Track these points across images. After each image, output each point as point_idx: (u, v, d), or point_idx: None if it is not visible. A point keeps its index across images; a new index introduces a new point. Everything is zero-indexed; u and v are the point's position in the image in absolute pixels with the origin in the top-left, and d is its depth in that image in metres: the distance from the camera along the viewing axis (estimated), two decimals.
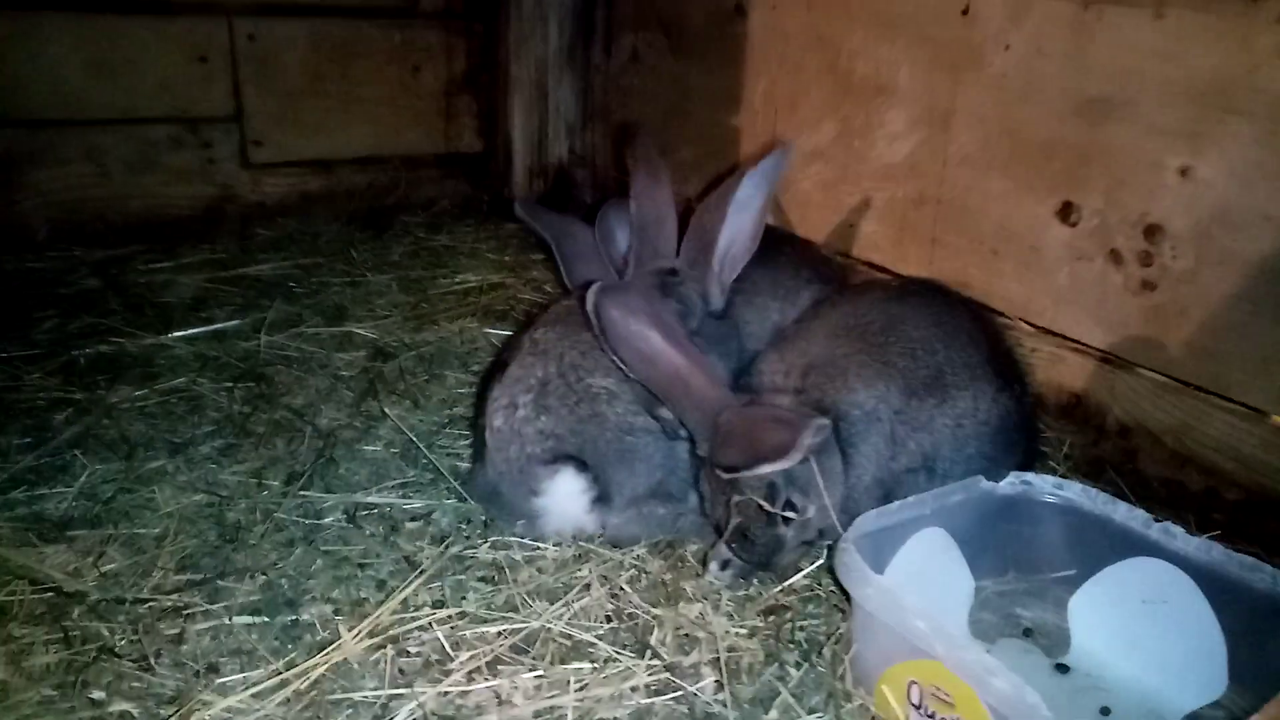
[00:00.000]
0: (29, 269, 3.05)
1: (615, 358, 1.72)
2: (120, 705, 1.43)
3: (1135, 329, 2.14)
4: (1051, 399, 2.30)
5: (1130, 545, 1.67)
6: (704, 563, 1.81)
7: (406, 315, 2.91)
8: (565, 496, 1.86)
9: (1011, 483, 1.78)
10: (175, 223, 3.49)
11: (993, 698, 1.26)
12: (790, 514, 1.69)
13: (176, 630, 1.58)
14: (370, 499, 1.96)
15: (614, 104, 3.86)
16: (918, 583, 1.61)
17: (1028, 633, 1.75)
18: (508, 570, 1.79)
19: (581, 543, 1.85)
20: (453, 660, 1.55)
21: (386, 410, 2.29)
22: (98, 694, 1.44)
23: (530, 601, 1.70)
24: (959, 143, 2.46)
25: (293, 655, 1.54)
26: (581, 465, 1.84)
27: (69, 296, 2.89)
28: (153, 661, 1.51)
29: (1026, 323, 2.34)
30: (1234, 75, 1.88)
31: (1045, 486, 1.78)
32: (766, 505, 1.68)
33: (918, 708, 1.40)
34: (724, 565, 1.78)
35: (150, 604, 1.64)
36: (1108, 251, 2.16)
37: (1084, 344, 2.24)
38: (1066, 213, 2.23)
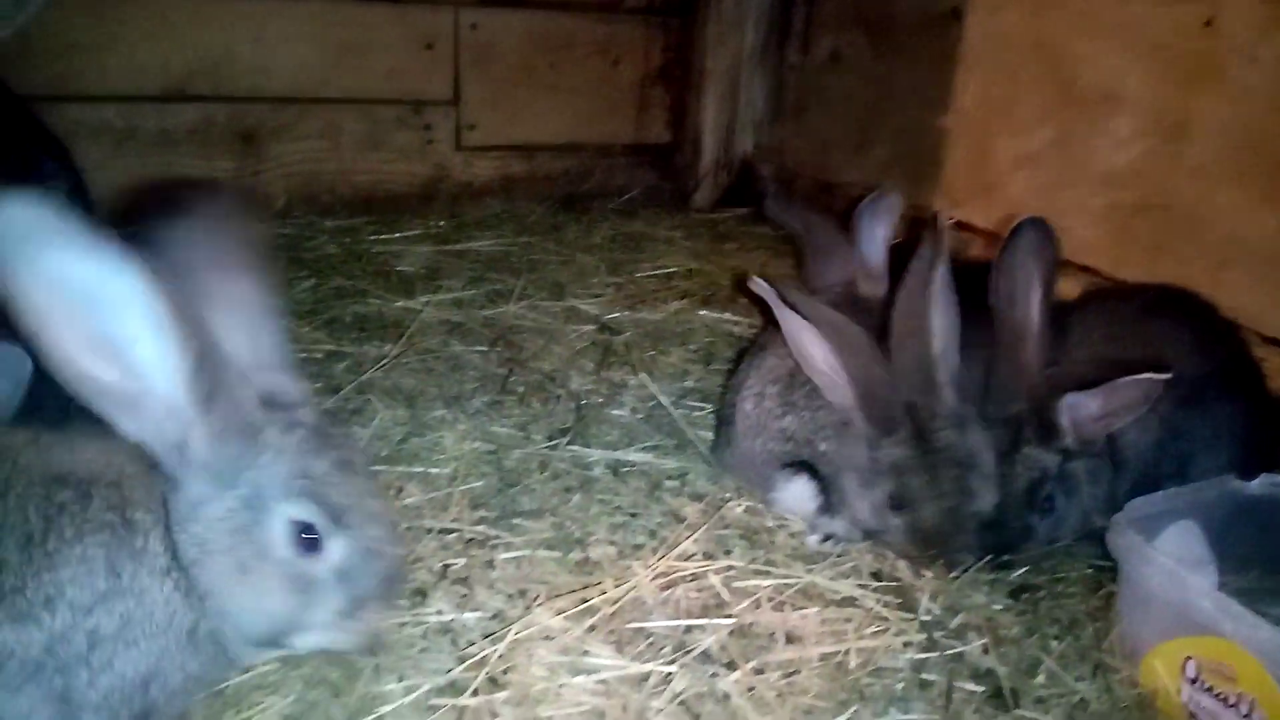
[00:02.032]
0: (276, 234, 3.33)
1: None
2: (451, 615, 1.62)
3: None
4: None
5: None
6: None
7: (620, 294, 3.08)
8: (794, 500, 1.97)
9: (1263, 482, 1.84)
10: (394, 198, 3.75)
11: (1269, 662, 1.34)
12: (1048, 508, 1.79)
13: (487, 558, 1.77)
14: (629, 456, 2.14)
15: (808, 101, 3.97)
16: None
17: None
18: (764, 533, 1.93)
19: None
20: (731, 606, 1.70)
21: (632, 378, 2.46)
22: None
23: (790, 562, 1.84)
24: (1192, 152, 2.49)
25: (592, 587, 1.71)
26: (814, 474, 1.95)
27: (313, 260, 3.16)
28: (473, 583, 1.70)
29: (1258, 334, 2.36)
30: None
31: None
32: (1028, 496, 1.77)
33: (1193, 682, 1.48)
34: (824, 539, 1.90)
35: (454, 533, 1.84)
36: None
37: None
38: None
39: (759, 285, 1.83)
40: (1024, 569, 1.85)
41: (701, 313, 2.97)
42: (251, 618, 1.19)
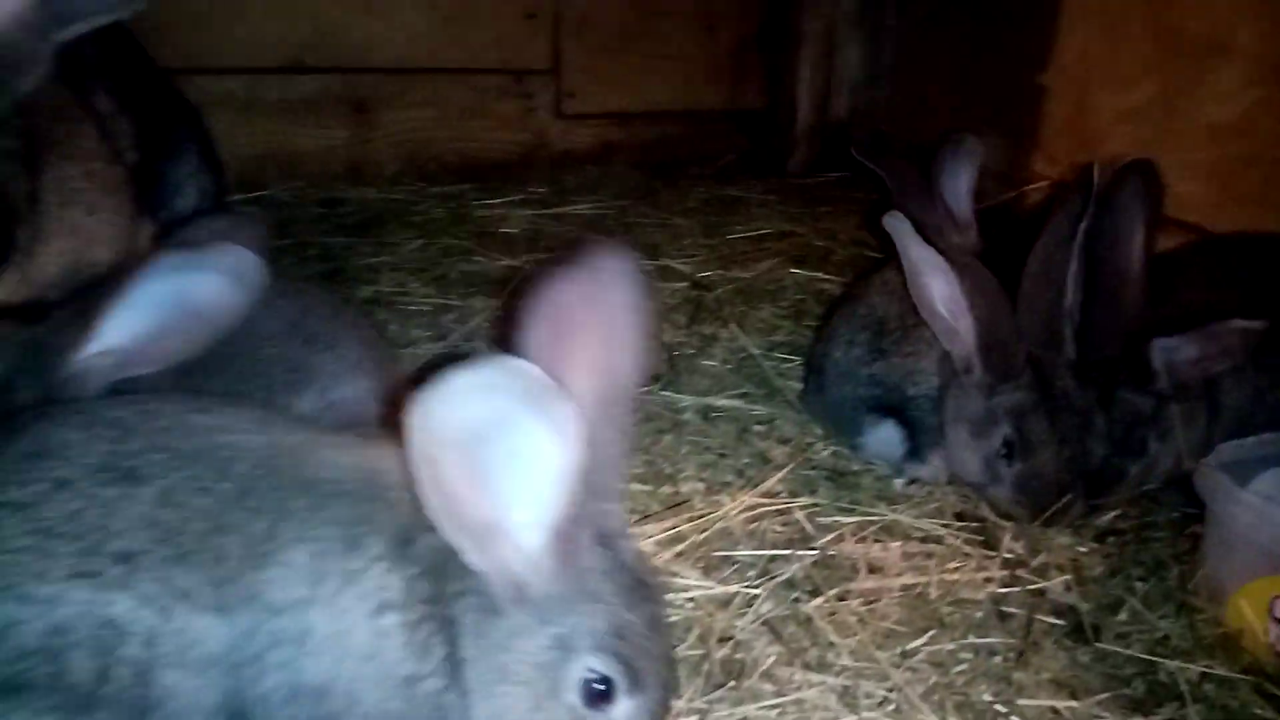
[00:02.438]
0: (387, 198, 3.51)
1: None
2: None
3: None
4: None
5: None
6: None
7: (713, 255, 3.15)
8: (881, 444, 2.03)
9: None
10: (496, 165, 3.87)
11: None
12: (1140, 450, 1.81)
13: None
14: (719, 402, 2.22)
15: (905, 63, 3.94)
16: None
17: None
18: (850, 475, 2.00)
19: None
20: (815, 539, 1.77)
21: (723, 331, 2.54)
22: None
23: (875, 502, 1.90)
24: None
25: (681, 517, 1.80)
26: (902, 420, 2.00)
27: (422, 223, 3.32)
28: None
29: None
30: None
31: None
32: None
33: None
34: (909, 483, 1.96)
35: None
36: None
37: None
38: None
39: (895, 219, 1.86)
40: (1112, 514, 1.87)
41: (793, 270, 3.02)
42: None
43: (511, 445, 0.98)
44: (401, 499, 1.10)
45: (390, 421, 1.10)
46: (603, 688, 1.10)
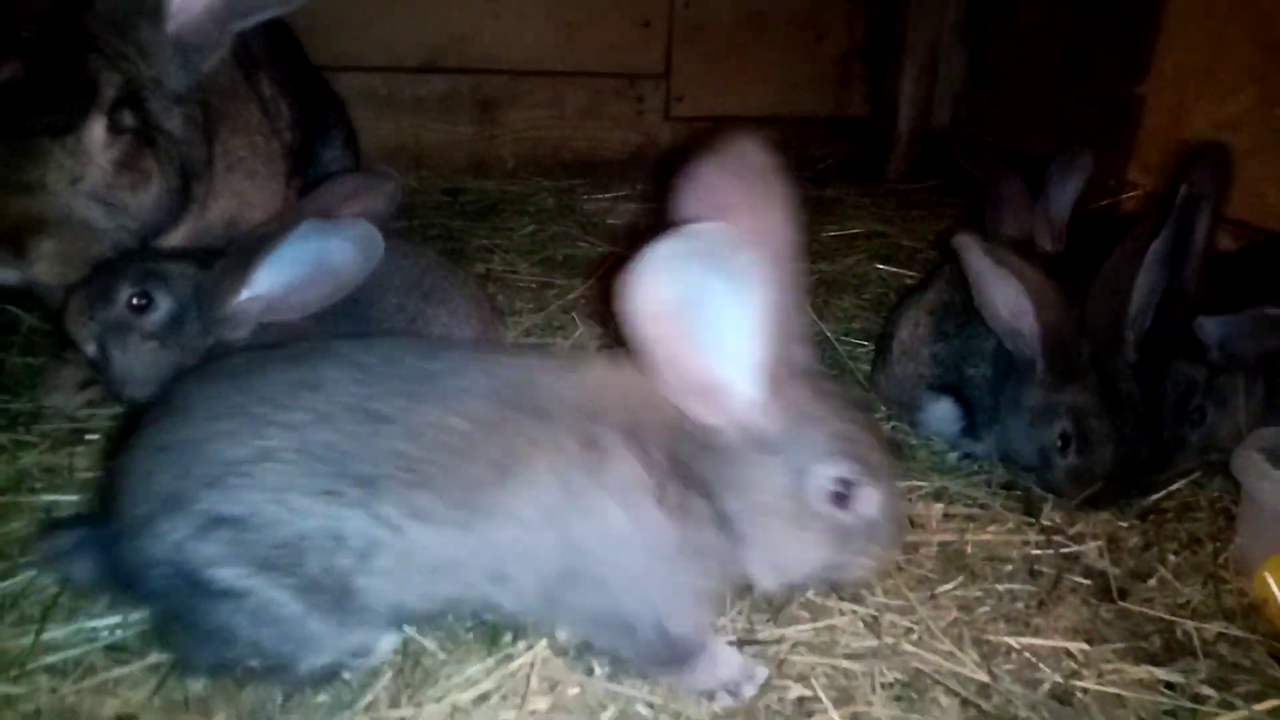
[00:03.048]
0: (505, 190, 3.81)
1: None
2: None
3: None
4: None
5: None
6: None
7: (802, 250, 3.30)
8: (939, 420, 2.17)
9: None
10: (608, 163, 4.13)
11: None
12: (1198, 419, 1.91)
13: None
14: None
15: (1007, 72, 4.02)
16: None
17: None
18: (907, 448, 2.14)
19: None
20: None
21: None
22: None
23: (927, 473, 2.04)
24: None
25: None
26: (960, 398, 2.13)
27: (535, 211, 3.59)
28: None
29: None
30: None
31: None
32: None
33: None
34: (963, 458, 2.08)
35: None
36: None
37: None
38: None
39: (963, 240, 1.99)
40: (1156, 495, 1.95)
41: (878, 266, 3.16)
42: (798, 564, 1.31)
43: (713, 304, 1.12)
44: (617, 402, 1.28)
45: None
46: (842, 490, 1.25)
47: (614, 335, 2.54)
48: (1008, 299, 1.90)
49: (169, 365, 1.79)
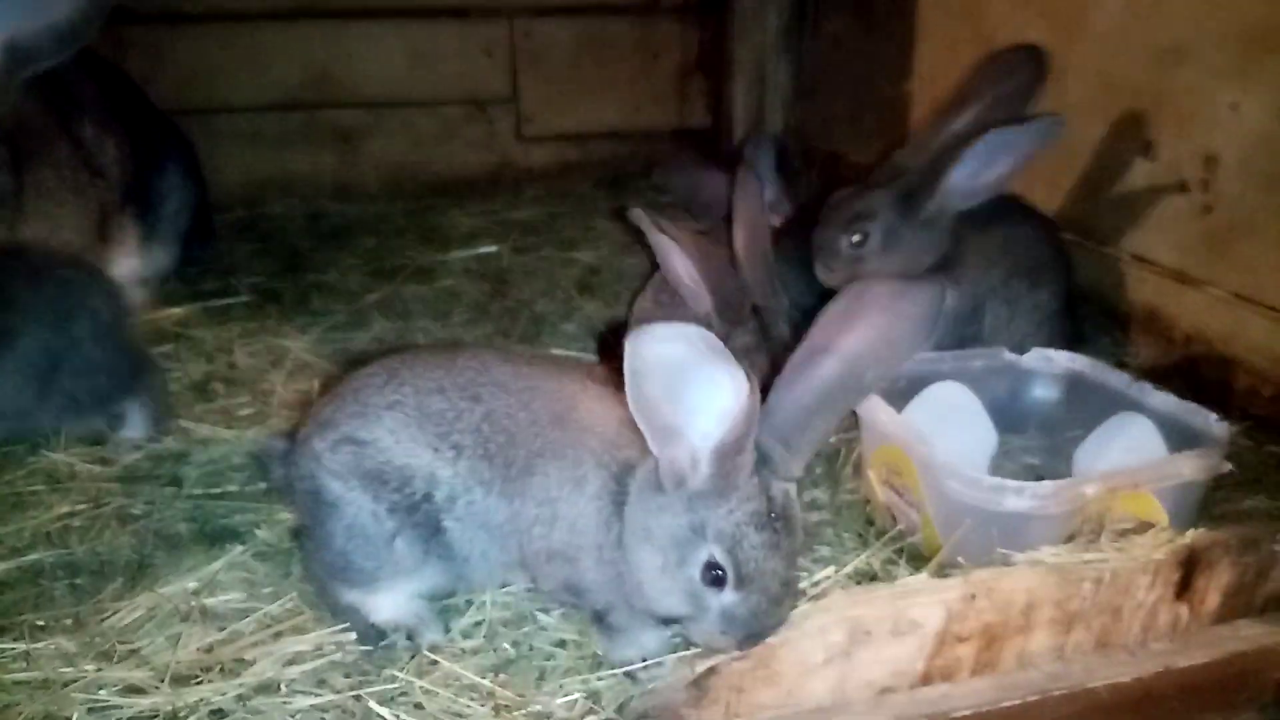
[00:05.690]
0: (363, 212, 4.16)
1: None
2: None
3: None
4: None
5: (1118, 403, 2.05)
6: None
7: (621, 246, 3.67)
8: None
9: (1033, 356, 2.20)
10: (466, 183, 4.49)
11: (916, 459, 1.77)
12: None
13: None
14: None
15: (820, 83, 4.41)
16: (941, 425, 2.07)
17: (1039, 477, 2.15)
18: None
19: None
20: None
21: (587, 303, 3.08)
22: None
23: None
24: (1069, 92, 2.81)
25: None
26: None
27: (386, 230, 3.95)
28: None
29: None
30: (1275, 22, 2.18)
31: (1061, 359, 2.18)
32: None
33: (885, 483, 1.92)
34: None
35: None
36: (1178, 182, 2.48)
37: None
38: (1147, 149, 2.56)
39: (636, 214, 2.37)
40: None
41: None
42: (648, 597, 1.48)
43: (699, 378, 1.30)
44: (612, 432, 1.54)
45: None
46: (719, 573, 1.39)
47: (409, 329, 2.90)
48: (683, 265, 2.26)
49: None
